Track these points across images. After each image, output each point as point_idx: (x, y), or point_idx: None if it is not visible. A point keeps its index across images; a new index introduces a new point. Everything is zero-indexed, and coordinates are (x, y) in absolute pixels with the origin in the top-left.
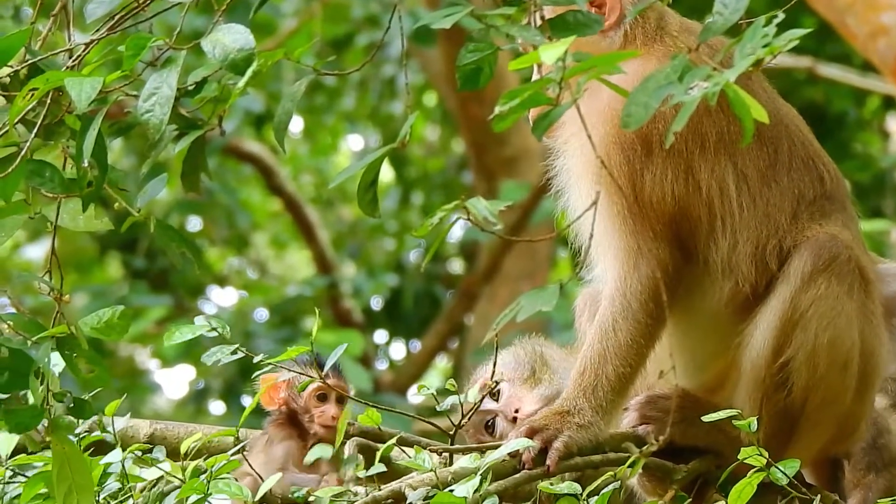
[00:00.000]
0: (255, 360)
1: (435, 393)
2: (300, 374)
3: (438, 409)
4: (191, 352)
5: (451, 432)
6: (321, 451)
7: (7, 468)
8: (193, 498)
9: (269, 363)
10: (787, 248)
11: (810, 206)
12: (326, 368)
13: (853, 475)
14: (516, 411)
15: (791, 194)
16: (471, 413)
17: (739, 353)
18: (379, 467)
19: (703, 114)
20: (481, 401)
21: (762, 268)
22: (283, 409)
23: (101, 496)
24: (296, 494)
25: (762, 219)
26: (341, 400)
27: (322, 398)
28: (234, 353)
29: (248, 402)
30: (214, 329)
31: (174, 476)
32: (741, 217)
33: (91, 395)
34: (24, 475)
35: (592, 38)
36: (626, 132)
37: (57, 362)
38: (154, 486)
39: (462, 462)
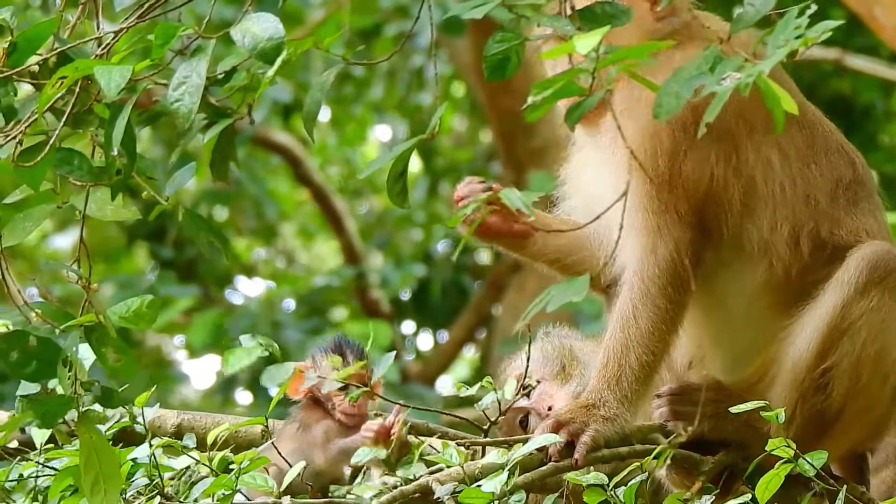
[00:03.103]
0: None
1: (468, 389)
2: (313, 373)
3: (477, 407)
4: (218, 342)
5: (486, 427)
6: (373, 453)
7: (38, 454)
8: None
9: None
10: (823, 235)
11: (846, 191)
12: (347, 356)
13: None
14: (549, 409)
15: (830, 176)
16: (507, 410)
17: (781, 351)
18: (420, 467)
19: (752, 98)
20: (518, 398)
21: (796, 251)
22: (310, 396)
23: (129, 493)
24: (336, 493)
25: (802, 198)
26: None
27: (343, 387)
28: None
29: (274, 391)
30: (266, 349)
31: (204, 464)
32: (782, 196)
33: (122, 388)
34: (52, 468)
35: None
36: (680, 112)
37: (87, 355)
38: (183, 474)
39: (489, 457)
